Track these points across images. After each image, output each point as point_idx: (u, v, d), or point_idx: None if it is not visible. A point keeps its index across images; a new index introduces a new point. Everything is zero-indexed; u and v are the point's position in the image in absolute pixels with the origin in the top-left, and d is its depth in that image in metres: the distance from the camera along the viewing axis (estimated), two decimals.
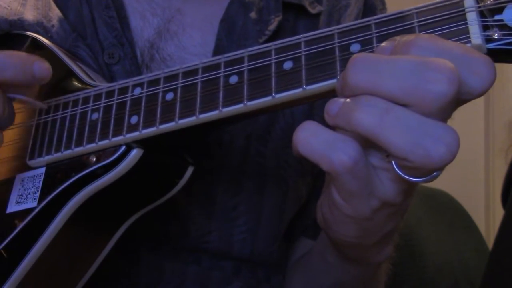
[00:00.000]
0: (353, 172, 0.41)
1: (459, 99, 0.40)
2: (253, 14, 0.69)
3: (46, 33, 0.67)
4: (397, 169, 0.41)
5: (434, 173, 0.40)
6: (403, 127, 0.38)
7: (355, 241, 0.49)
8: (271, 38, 0.67)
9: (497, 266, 0.78)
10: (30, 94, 0.56)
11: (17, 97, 0.54)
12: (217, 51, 0.67)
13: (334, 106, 0.41)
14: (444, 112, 0.38)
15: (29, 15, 0.68)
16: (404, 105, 0.38)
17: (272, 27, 0.69)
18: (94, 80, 0.60)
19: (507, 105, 2.00)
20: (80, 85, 0.59)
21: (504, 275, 0.76)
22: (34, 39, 0.65)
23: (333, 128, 0.42)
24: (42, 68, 0.53)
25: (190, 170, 0.57)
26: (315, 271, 0.68)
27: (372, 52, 0.43)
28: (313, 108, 0.71)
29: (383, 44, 0.41)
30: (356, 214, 0.45)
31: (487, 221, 2.01)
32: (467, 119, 1.99)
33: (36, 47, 0.65)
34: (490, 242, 0.94)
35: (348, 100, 0.40)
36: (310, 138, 0.41)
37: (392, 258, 0.72)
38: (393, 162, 0.41)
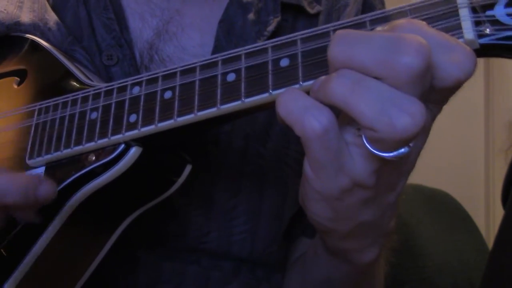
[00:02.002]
0: (323, 141, 0.42)
1: (437, 85, 0.41)
2: (251, 15, 0.69)
3: (43, 36, 0.67)
4: (365, 141, 0.42)
5: (402, 149, 0.41)
6: (371, 97, 0.39)
7: (327, 224, 0.50)
8: (269, 39, 0.68)
9: (497, 266, 0.78)
10: (31, 212, 0.54)
11: (16, 216, 0.53)
12: (215, 52, 0.67)
13: (316, 82, 0.43)
14: (415, 87, 0.39)
15: (26, 18, 0.68)
16: (377, 78, 0.40)
17: (270, 28, 0.69)
18: (92, 80, 0.60)
19: (507, 105, 2.00)
20: (78, 85, 0.60)
21: (504, 275, 0.75)
22: (32, 41, 0.66)
23: None
24: (46, 190, 0.50)
25: (188, 168, 0.57)
26: (308, 266, 0.68)
27: None
28: None
29: (377, 28, 0.43)
30: (323, 189, 0.45)
31: (487, 221, 2.00)
32: (467, 119, 2.00)
33: (35, 49, 0.65)
34: (490, 242, 0.94)
35: (328, 75, 0.42)
36: (290, 101, 0.43)
37: (392, 258, 0.72)
38: (362, 135, 0.42)
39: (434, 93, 0.42)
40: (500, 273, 0.77)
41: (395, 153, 0.41)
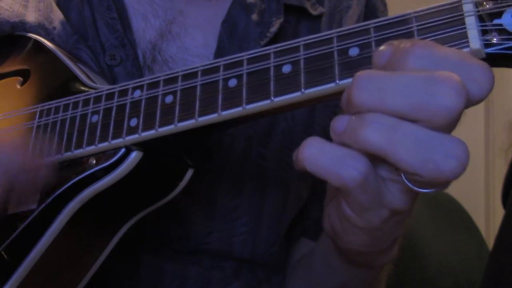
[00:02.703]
0: (363, 187, 0.40)
1: None
2: (254, 16, 0.69)
3: (47, 35, 0.67)
4: (407, 183, 0.40)
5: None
6: (412, 143, 0.37)
7: (365, 250, 0.50)
8: (272, 40, 0.68)
9: (497, 266, 0.78)
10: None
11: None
12: (218, 52, 0.67)
13: (340, 124, 0.41)
14: (452, 125, 0.38)
15: (31, 17, 0.68)
16: (411, 121, 0.38)
17: (273, 29, 0.69)
18: (95, 82, 0.60)
19: (507, 105, 2.00)
20: (81, 87, 0.60)
21: (504, 275, 0.75)
22: (36, 41, 0.65)
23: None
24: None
25: (190, 173, 0.57)
26: (316, 273, 0.68)
27: (369, 55, 0.43)
28: (314, 110, 0.71)
29: (381, 48, 0.41)
30: (366, 225, 0.45)
31: (487, 221, 2.01)
32: (467, 119, 1.99)
33: (38, 49, 0.65)
34: (490, 242, 0.94)
35: (354, 117, 0.40)
36: (317, 155, 0.41)
37: (394, 259, 0.72)
38: (403, 175, 0.40)
39: None
40: (500, 273, 0.77)
41: (439, 188, 0.40)
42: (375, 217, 0.44)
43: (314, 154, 0.41)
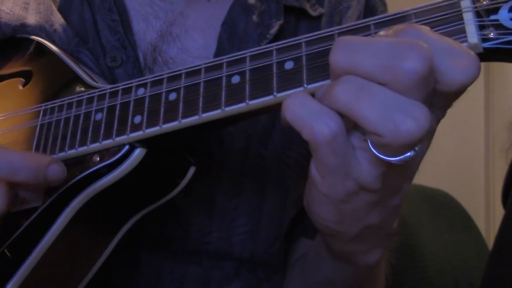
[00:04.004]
0: (332, 146, 0.42)
1: (441, 89, 0.41)
2: (254, 18, 0.69)
3: (48, 37, 0.67)
4: (371, 146, 0.42)
5: (407, 153, 0.41)
6: (375, 102, 0.39)
7: (333, 227, 0.50)
8: (272, 42, 0.67)
9: (497, 266, 0.78)
10: (39, 191, 0.56)
11: (22, 194, 0.55)
12: (218, 54, 0.67)
13: (321, 89, 0.44)
14: (418, 91, 0.40)
15: (32, 20, 0.69)
16: (380, 84, 0.40)
17: (273, 31, 0.69)
18: (97, 82, 0.60)
19: (507, 105, 2.00)
20: (83, 87, 0.60)
21: (504, 275, 0.76)
22: (38, 42, 0.66)
23: None
24: (56, 171, 0.52)
25: (192, 170, 0.58)
26: (310, 267, 0.68)
27: None
28: None
29: (380, 33, 0.43)
30: (331, 193, 0.46)
31: (487, 221, 2.01)
32: (467, 119, 2.00)
33: (40, 51, 0.66)
34: (490, 242, 0.94)
35: (332, 81, 0.43)
36: (297, 106, 0.43)
37: (392, 259, 0.72)
38: (368, 140, 0.42)
39: (438, 97, 0.42)
40: (500, 273, 0.77)
41: (401, 157, 0.41)
42: (339, 186, 0.45)
43: (295, 104, 0.43)
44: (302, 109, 0.43)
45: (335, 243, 0.55)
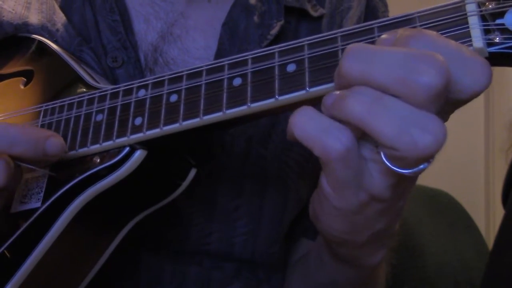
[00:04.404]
0: (344, 160, 0.41)
1: (452, 98, 0.40)
2: (255, 18, 0.69)
3: (51, 37, 0.67)
4: (384, 159, 0.41)
5: (421, 166, 0.40)
6: (391, 116, 0.39)
7: (343, 237, 0.50)
8: (273, 42, 0.68)
9: (497, 266, 0.79)
10: (40, 165, 0.56)
11: (24, 166, 0.55)
12: (219, 54, 0.67)
13: (329, 98, 0.42)
14: (433, 105, 0.39)
15: (34, 19, 0.68)
16: (394, 96, 0.39)
17: (274, 31, 0.69)
18: (98, 83, 0.60)
19: (507, 105, 2.00)
20: (84, 87, 0.60)
21: (505, 275, 0.76)
22: (40, 42, 0.66)
23: None
24: (54, 145, 0.53)
25: (193, 172, 0.57)
26: (311, 270, 0.68)
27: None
28: None
29: (384, 35, 0.42)
30: (343, 206, 0.45)
31: (487, 221, 2.01)
32: (467, 119, 1.99)
33: (42, 50, 0.65)
34: (490, 242, 0.94)
35: (342, 90, 0.42)
36: (306, 122, 0.42)
37: (392, 259, 0.72)
38: (381, 152, 0.41)
39: (448, 105, 0.42)
40: (500, 273, 0.77)
41: (415, 169, 0.40)
42: (352, 198, 0.44)
43: (303, 121, 0.42)
44: (311, 125, 0.42)
45: (342, 249, 0.55)
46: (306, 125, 0.42)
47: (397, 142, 0.38)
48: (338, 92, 0.42)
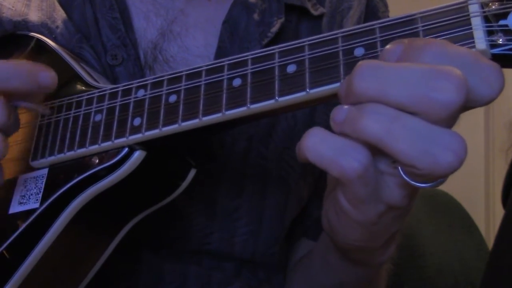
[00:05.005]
0: (364, 179, 0.41)
1: (467, 106, 0.39)
2: (255, 16, 0.69)
3: (50, 34, 0.67)
4: (404, 176, 0.40)
5: (441, 179, 0.40)
6: (410, 135, 0.38)
7: (361, 245, 0.50)
8: (273, 40, 0.68)
9: (497, 266, 0.78)
10: (34, 101, 0.56)
11: (22, 105, 0.55)
12: (219, 52, 0.67)
13: (340, 113, 0.41)
14: (452, 120, 0.38)
15: (34, 16, 0.68)
16: (411, 113, 0.38)
17: (274, 29, 0.69)
18: (97, 82, 0.60)
19: (507, 105, 1.99)
20: (83, 86, 0.59)
21: (505, 275, 0.75)
22: (38, 40, 0.65)
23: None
24: (47, 77, 0.53)
25: (192, 173, 0.57)
26: (315, 272, 0.68)
27: (377, 55, 0.43)
28: (315, 110, 0.71)
29: (389, 46, 0.41)
30: (363, 219, 0.45)
31: (487, 221, 2.00)
32: (467, 119, 1.99)
33: (40, 48, 0.65)
34: (490, 242, 0.94)
35: (354, 107, 0.40)
36: (318, 145, 0.41)
37: (393, 258, 0.72)
38: (399, 168, 0.41)
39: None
40: (500, 273, 0.77)
41: (434, 183, 0.40)
42: (371, 211, 0.44)
43: (316, 143, 0.41)
44: (324, 147, 0.41)
45: (358, 255, 0.55)
46: (319, 148, 0.41)
47: (418, 162, 0.38)
48: (347, 107, 0.41)
